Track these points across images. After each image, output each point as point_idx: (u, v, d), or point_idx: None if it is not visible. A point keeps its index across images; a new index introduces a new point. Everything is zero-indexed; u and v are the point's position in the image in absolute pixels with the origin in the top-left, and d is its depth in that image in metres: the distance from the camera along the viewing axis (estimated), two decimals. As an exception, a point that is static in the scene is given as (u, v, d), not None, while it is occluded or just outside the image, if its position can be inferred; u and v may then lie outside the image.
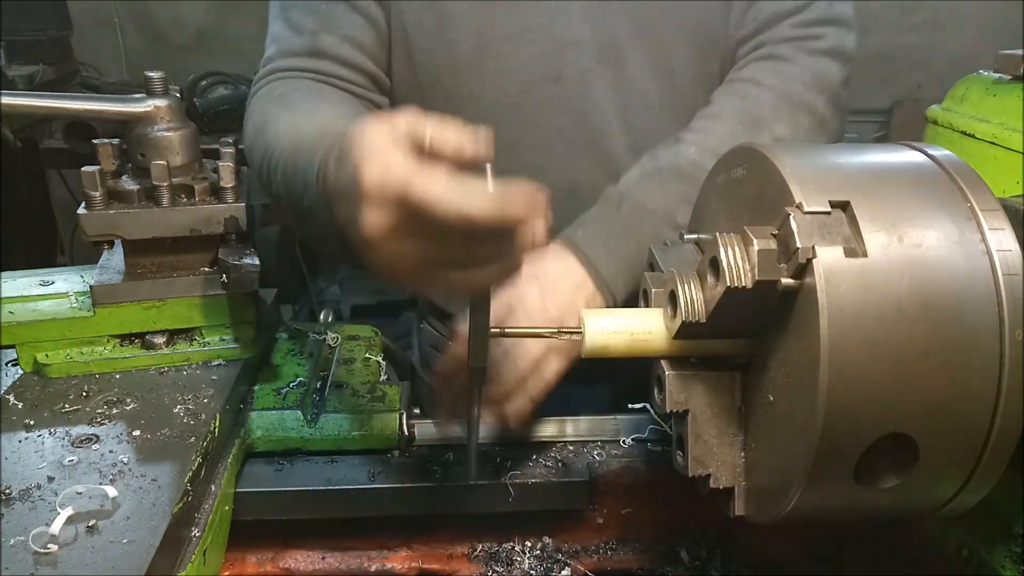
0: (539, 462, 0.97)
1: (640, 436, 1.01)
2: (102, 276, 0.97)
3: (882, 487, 0.64)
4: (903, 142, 0.72)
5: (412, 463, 0.96)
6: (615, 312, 0.78)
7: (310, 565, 0.98)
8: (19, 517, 0.70)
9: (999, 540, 0.82)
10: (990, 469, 0.63)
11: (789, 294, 0.62)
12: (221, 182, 0.95)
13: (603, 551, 1.00)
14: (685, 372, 0.73)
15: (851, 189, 0.63)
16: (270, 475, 0.94)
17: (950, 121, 1.28)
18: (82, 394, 0.90)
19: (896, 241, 0.61)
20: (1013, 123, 1.14)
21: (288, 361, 1.08)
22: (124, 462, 0.79)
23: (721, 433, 0.72)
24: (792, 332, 0.63)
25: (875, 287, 0.59)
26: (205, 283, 0.97)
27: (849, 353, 0.59)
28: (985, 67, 1.31)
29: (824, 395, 0.59)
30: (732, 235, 0.64)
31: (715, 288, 0.66)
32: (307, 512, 0.93)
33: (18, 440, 0.82)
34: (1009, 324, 0.60)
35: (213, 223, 0.95)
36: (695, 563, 0.99)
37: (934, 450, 0.62)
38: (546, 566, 0.97)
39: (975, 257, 0.61)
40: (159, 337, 0.97)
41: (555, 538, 1.00)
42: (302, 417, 0.96)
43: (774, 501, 0.67)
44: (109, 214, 0.93)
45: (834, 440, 0.60)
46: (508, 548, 0.98)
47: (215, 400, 0.90)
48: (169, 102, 0.95)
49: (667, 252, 0.83)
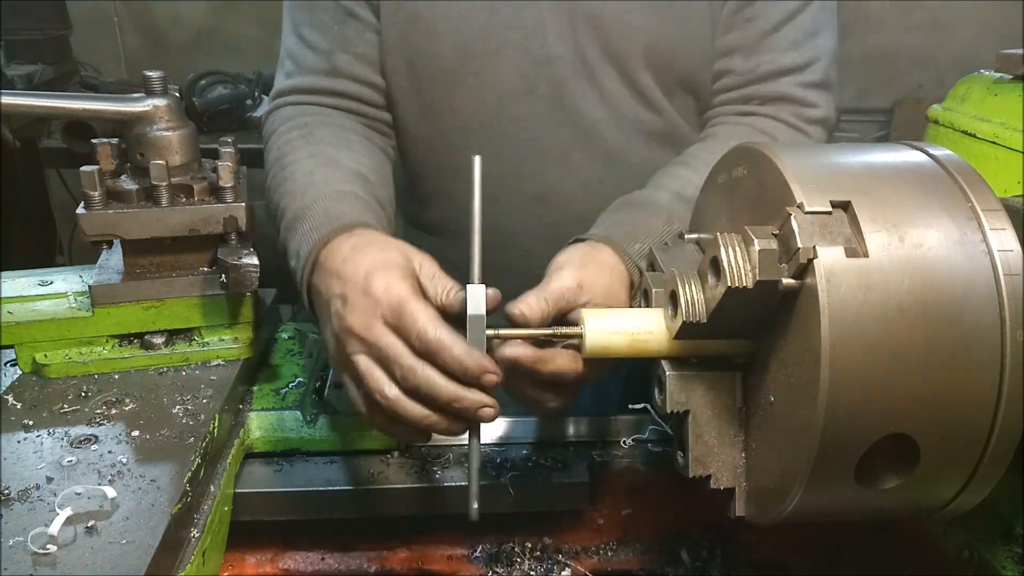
0: (539, 462, 0.97)
1: (640, 436, 1.01)
2: (101, 276, 0.97)
3: (883, 488, 0.64)
4: (904, 142, 0.72)
5: (412, 463, 0.96)
6: (615, 312, 0.78)
7: (310, 566, 0.98)
8: (18, 518, 0.70)
9: (1000, 541, 0.82)
10: (991, 470, 0.63)
11: (790, 294, 0.62)
12: (220, 182, 0.95)
13: (603, 552, 0.99)
14: (686, 372, 0.73)
15: (852, 189, 0.63)
16: (269, 476, 0.94)
17: (951, 121, 1.28)
18: (81, 394, 0.90)
19: (897, 241, 0.61)
20: (1014, 123, 1.14)
21: (287, 361, 1.08)
22: (123, 462, 0.79)
23: (722, 434, 0.72)
24: (793, 332, 0.63)
25: (876, 287, 0.59)
26: (204, 283, 0.97)
27: (850, 353, 0.58)
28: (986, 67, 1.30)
29: (825, 395, 0.58)
30: (733, 235, 0.64)
31: (716, 288, 0.66)
32: (307, 512, 0.93)
33: (17, 440, 0.82)
34: (1010, 324, 0.60)
35: (212, 223, 0.95)
36: (696, 564, 0.98)
37: (935, 451, 0.62)
38: (546, 567, 0.97)
39: (976, 257, 0.61)
40: (158, 337, 0.97)
41: (555, 538, 0.99)
42: (301, 417, 0.96)
43: (775, 502, 0.67)
44: (108, 214, 0.92)
45: (835, 441, 0.60)
46: (508, 548, 0.98)
47: (214, 400, 0.90)
48: (168, 101, 0.95)
49: (668, 252, 0.83)
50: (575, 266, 0.87)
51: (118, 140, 0.97)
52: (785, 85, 1.16)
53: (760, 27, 1.14)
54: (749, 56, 1.16)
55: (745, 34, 1.15)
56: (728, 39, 1.16)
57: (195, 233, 0.95)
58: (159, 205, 0.93)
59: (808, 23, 1.15)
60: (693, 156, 1.11)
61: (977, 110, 1.23)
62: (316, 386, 1.03)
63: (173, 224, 0.94)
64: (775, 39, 1.14)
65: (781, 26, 1.14)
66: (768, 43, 1.15)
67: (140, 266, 0.98)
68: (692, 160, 1.10)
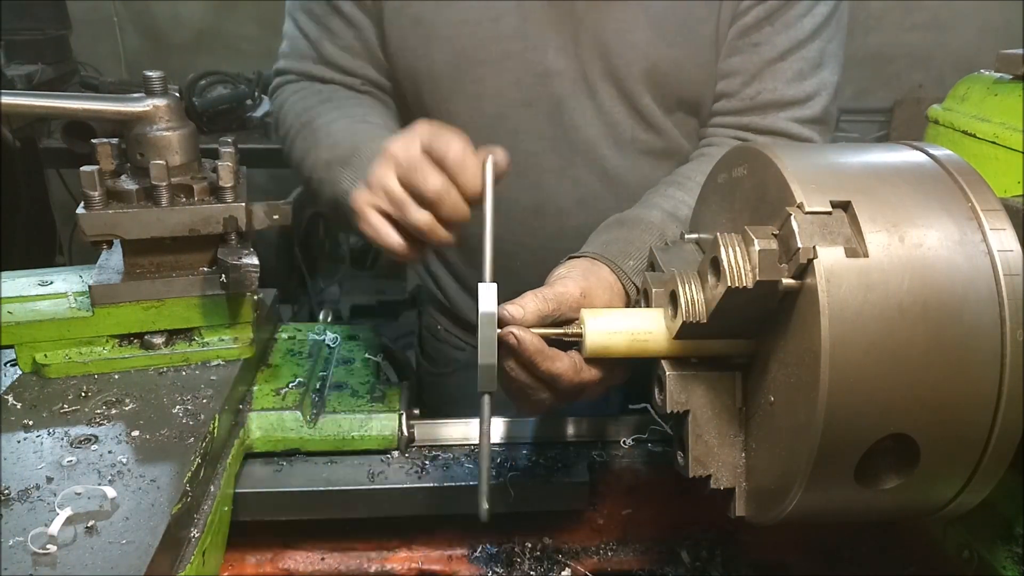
0: (539, 462, 0.97)
1: (640, 436, 1.01)
2: (101, 276, 0.96)
3: (883, 488, 0.64)
4: (904, 142, 0.72)
5: (412, 463, 0.96)
6: (615, 312, 0.78)
7: (310, 566, 0.98)
8: (18, 518, 0.70)
9: (1000, 541, 0.82)
10: (991, 470, 0.63)
11: (790, 294, 0.62)
12: (220, 182, 0.95)
13: (603, 552, 0.99)
14: (686, 372, 0.73)
15: (852, 189, 0.63)
16: (269, 475, 0.93)
17: (951, 121, 1.28)
18: (81, 394, 0.90)
19: (897, 241, 0.61)
20: (1014, 123, 1.14)
21: (287, 361, 1.08)
22: (123, 462, 0.78)
23: (722, 434, 0.72)
24: (793, 332, 0.63)
25: (876, 287, 0.59)
26: (204, 283, 0.97)
27: (850, 353, 0.58)
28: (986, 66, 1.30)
29: (825, 395, 0.59)
30: (733, 235, 0.64)
31: (716, 288, 0.66)
32: (307, 512, 0.93)
33: (17, 440, 0.82)
34: (1010, 324, 0.60)
35: (212, 223, 0.95)
36: (696, 564, 0.98)
37: (935, 451, 0.62)
38: (546, 567, 0.97)
39: (976, 257, 0.61)
40: (158, 337, 0.97)
41: (555, 539, 0.99)
42: (301, 417, 0.96)
43: (775, 502, 0.67)
44: (108, 214, 0.92)
45: (835, 441, 0.60)
46: (508, 548, 0.98)
47: (214, 400, 0.90)
48: (168, 101, 0.95)
49: (668, 252, 0.83)
50: (578, 277, 0.87)
51: (118, 140, 0.97)
52: (782, 120, 1.14)
53: (766, 54, 1.12)
54: (751, 82, 1.14)
55: (750, 59, 1.13)
56: (732, 62, 1.14)
57: (195, 233, 0.95)
58: (159, 205, 0.93)
59: (815, 55, 1.13)
60: (686, 177, 1.10)
61: (977, 110, 1.23)
62: (316, 386, 1.03)
63: (173, 224, 0.94)
64: (780, 68, 1.13)
65: (787, 55, 1.12)
66: (772, 71, 1.13)
67: (140, 266, 0.98)
68: (685, 181, 1.09)
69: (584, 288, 0.86)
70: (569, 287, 0.84)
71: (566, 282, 0.85)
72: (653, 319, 0.74)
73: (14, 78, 2.72)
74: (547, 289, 0.83)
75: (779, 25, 1.11)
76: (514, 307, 0.79)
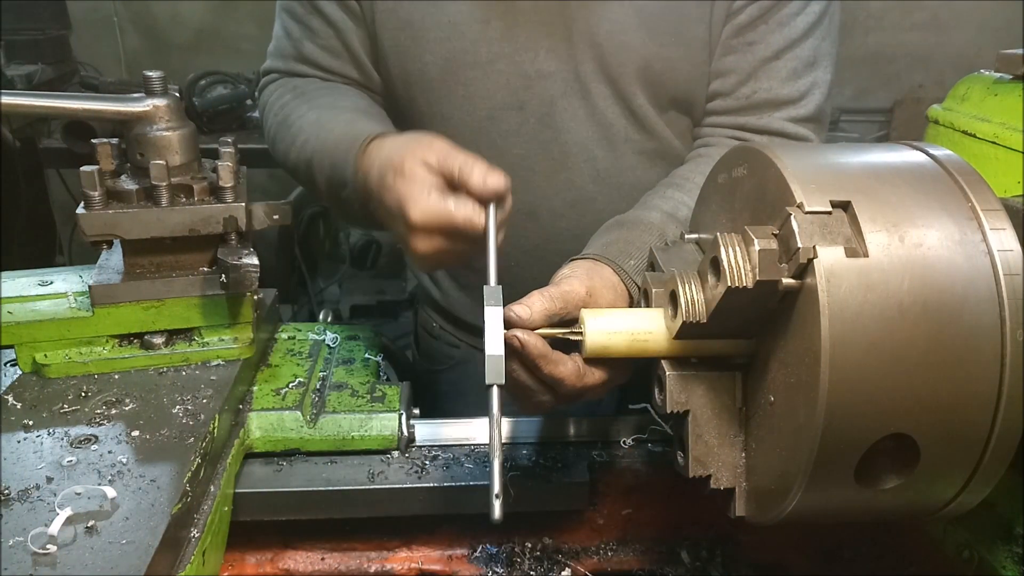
0: (539, 462, 0.97)
1: (640, 436, 1.01)
2: (101, 276, 0.96)
3: (883, 488, 0.64)
4: (904, 142, 0.72)
5: (412, 463, 0.96)
6: (615, 312, 0.78)
7: (310, 566, 0.98)
8: (18, 518, 0.70)
9: (1000, 541, 0.82)
10: (991, 470, 0.63)
11: (790, 294, 0.62)
12: (220, 182, 0.95)
13: (603, 552, 0.99)
14: (686, 372, 0.73)
15: (852, 189, 0.63)
16: (269, 475, 0.93)
17: (951, 121, 1.28)
18: (81, 394, 0.90)
19: (897, 241, 0.61)
20: (1014, 122, 1.14)
21: (287, 361, 1.08)
22: (123, 463, 0.78)
23: (722, 434, 0.72)
24: (793, 332, 0.63)
25: (876, 287, 0.59)
26: (204, 283, 0.97)
27: (850, 353, 0.58)
28: (986, 67, 1.30)
29: (825, 395, 0.59)
30: (733, 235, 0.64)
31: (716, 288, 0.66)
32: (307, 512, 0.93)
33: (17, 440, 0.82)
34: (1010, 324, 0.60)
35: (212, 223, 0.95)
36: (696, 564, 0.98)
37: (935, 451, 0.62)
38: (546, 567, 0.97)
39: (976, 257, 0.61)
40: (158, 337, 0.97)
41: (555, 538, 0.99)
42: (301, 417, 0.96)
43: (775, 502, 0.67)
44: (108, 214, 0.92)
45: (835, 441, 0.60)
46: (508, 548, 0.98)
47: (214, 400, 0.90)
48: (168, 101, 0.95)
49: (668, 252, 0.83)
50: (583, 277, 0.87)
51: (118, 140, 0.97)
52: (777, 120, 1.14)
53: (760, 53, 1.12)
54: (746, 81, 1.14)
55: (744, 58, 1.13)
56: (726, 61, 1.14)
57: (195, 233, 0.95)
58: (159, 205, 0.93)
59: (809, 53, 1.13)
60: (684, 178, 1.10)
61: (977, 110, 1.23)
62: (316, 386, 1.03)
63: (173, 224, 0.94)
64: (774, 66, 1.13)
65: (782, 54, 1.12)
66: (766, 70, 1.13)
67: (140, 266, 0.98)
68: (683, 182, 1.09)
69: (589, 287, 0.86)
70: (575, 286, 0.84)
71: (571, 281, 0.85)
72: (653, 319, 0.74)
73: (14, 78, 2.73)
74: (553, 288, 0.83)
75: (773, 24, 1.11)
76: (520, 307, 0.79)
